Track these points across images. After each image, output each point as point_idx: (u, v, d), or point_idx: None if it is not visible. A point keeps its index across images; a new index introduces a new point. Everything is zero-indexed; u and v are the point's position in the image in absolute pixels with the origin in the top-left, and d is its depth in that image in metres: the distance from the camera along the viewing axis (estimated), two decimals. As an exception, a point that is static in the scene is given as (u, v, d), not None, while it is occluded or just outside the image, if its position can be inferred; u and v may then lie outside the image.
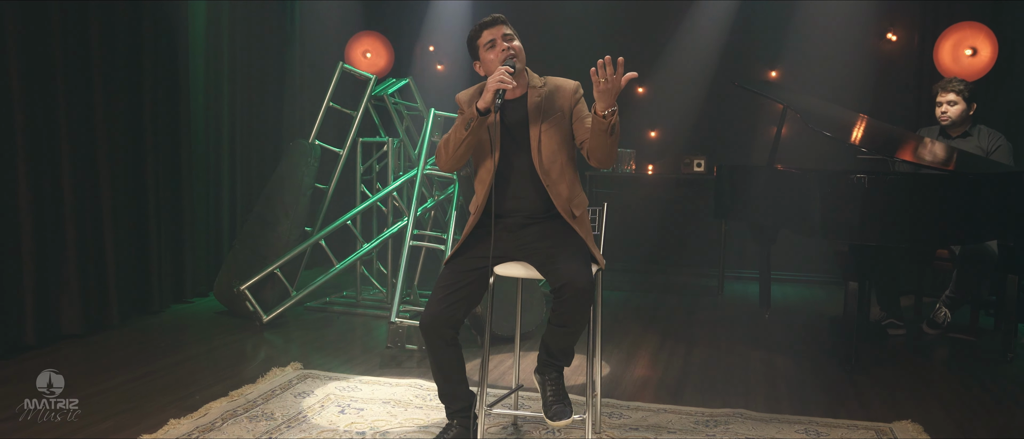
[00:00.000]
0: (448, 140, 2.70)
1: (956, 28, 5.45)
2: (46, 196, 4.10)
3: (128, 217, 4.70)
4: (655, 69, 6.55)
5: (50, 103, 4.09)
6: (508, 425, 3.08)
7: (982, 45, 5.33)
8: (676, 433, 3.03)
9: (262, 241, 4.93)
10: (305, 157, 5.11)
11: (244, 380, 3.56)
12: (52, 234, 4.15)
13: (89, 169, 4.36)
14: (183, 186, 5.16)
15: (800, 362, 4.07)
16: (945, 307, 4.63)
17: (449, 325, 2.65)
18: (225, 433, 2.92)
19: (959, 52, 5.41)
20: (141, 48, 4.72)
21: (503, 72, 2.57)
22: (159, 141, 4.91)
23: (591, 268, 2.65)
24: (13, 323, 3.93)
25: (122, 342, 4.25)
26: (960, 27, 5.43)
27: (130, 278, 4.73)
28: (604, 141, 2.61)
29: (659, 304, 5.47)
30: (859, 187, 3.63)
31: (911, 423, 3.13)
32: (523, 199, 2.76)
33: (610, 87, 2.48)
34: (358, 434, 2.95)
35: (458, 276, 2.69)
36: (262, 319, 4.60)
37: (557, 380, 2.72)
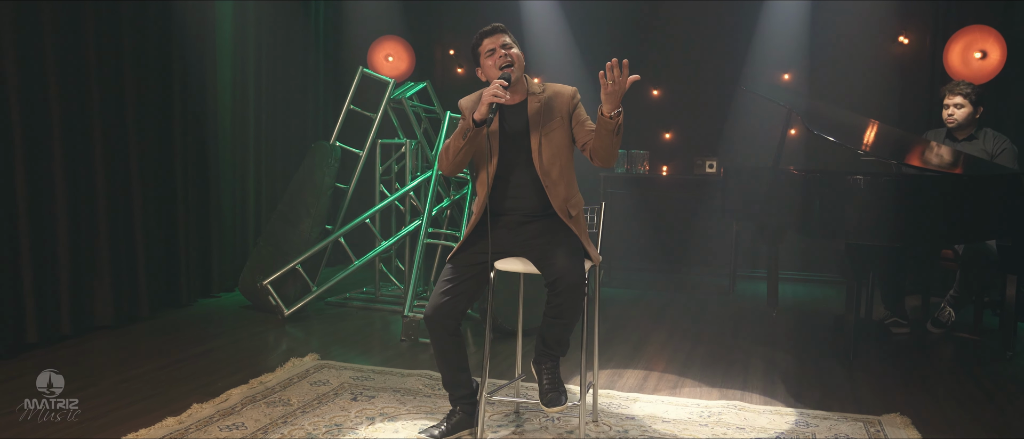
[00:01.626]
0: (448, 147, 2.87)
1: (966, 31, 5.51)
2: (81, 193, 4.34)
3: (158, 214, 4.93)
4: (669, 72, 6.67)
5: (84, 102, 4.33)
6: (510, 412, 3.24)
7: (991, 48, 5.39)
8: (671, 422, 3.17)
9: (284, 239, 5.14)
10: (326, 158, 5.32)
11: (264, 369, 3.76)
12: (86, 230, 4.38)
13: (121, 168, 4.59)
14: (210, 185, 5.39)
15: (801, 358, 4.18)
16: (949, 307, 4.72)
17: (451, 317, 2.82)
18: (244, 417, 3.12)
19: (969, 55, 5.47)
20: (170, 49, 4.95)
21: (497, 86, 2.72)
22: (188, 142, 5.15)
23: (584, 264, 2.81)
24: (50, 314, 4.17)
25: (151, 333, 4.48)
26: (970, 30, 5.49)
27: (159, 273, 4.97)
28: (609, 141, 2.76)
29: (669, 302, 5.60)
30: (854, 188, 3.74)
31: (899, 416, 3.24)
32: (523, 199, 2.92)
33: (617, 88, 2.64)
34: (367, 419, 3.13)
35: (460, 271, 2.86)
36: (284, 313, 4.80)
37: (553, 369, 2.87)
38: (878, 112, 6.04)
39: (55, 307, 4.20)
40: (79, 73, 4.29)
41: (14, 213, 3.95)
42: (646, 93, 6.71)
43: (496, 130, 2.90)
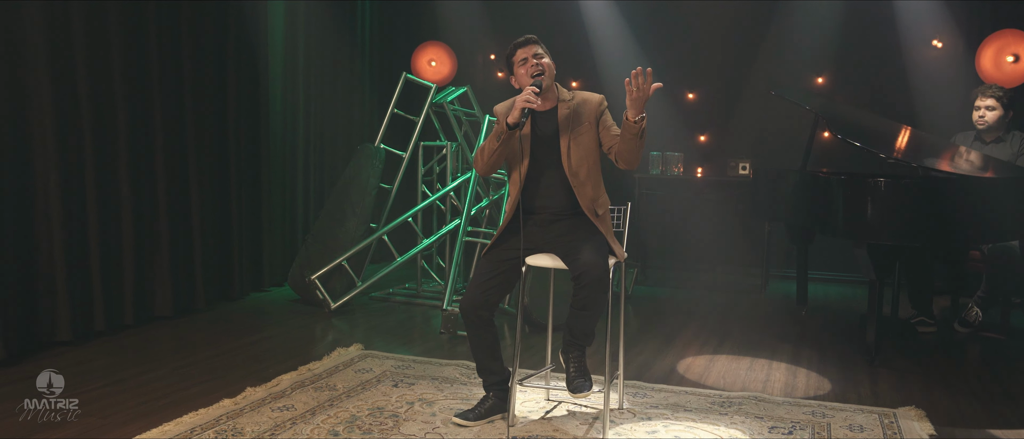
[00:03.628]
0: (483, 148, 3.09)
1: (998, 35, 5.57)
2: (144, 194, 4.66)
3: (214, 214, 5.24)
4: (705, 75, 6.81)
5: (146, 106, 4.65)
6: (541, 400, 3.45)
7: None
8: (692, 411, 3.34)
9: (331, 236, 5.41)
10: (371, 160, 5.58)
11: (312, 358, 4.02)
12: (148, 228, 4.70)
13: (180, 171, 4.91)
14: (262, 186, 5.69)
15: (824, 354, 4.31)
16: (977, 306, 4.80)
17: (485, 308, 3.05)
18: (293, 399, 3.37)
19: (1001, 58, 5.53)
20: (226, 57, 5.26)
21: (530, 92, 2.94)
22: (242, 147, 5.46)
23: (608, 260, 3.00)
24: (115, 305, 4.49)
25: (207, 323, 4.78)
26: (1002, 34, 5.55)
27: (215, 268, 5.28)
28: (633, 144, 2.96)
29: (702, 300, 5.75)
30: (875, 190, 3.87)
31: (914, 409, 3.36)
32: (553, 198, 3.13)
33: (641, 95, 2.84)
34: (407, 404, 3.36)
35: (493, 265, 3.08)
36: (330, 306, 5.07)
37: (579, 358, 3.07)
38: (910, 115, 6.12)
39: (120, 299, 4.52)
40: (143, 78, 4.61)
41: (84, 213, 4.27)
42: (682, 96, 6.86)
43: (528, 133, 3.11)
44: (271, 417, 3.16)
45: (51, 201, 4.08)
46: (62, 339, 4.13)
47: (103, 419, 3.12)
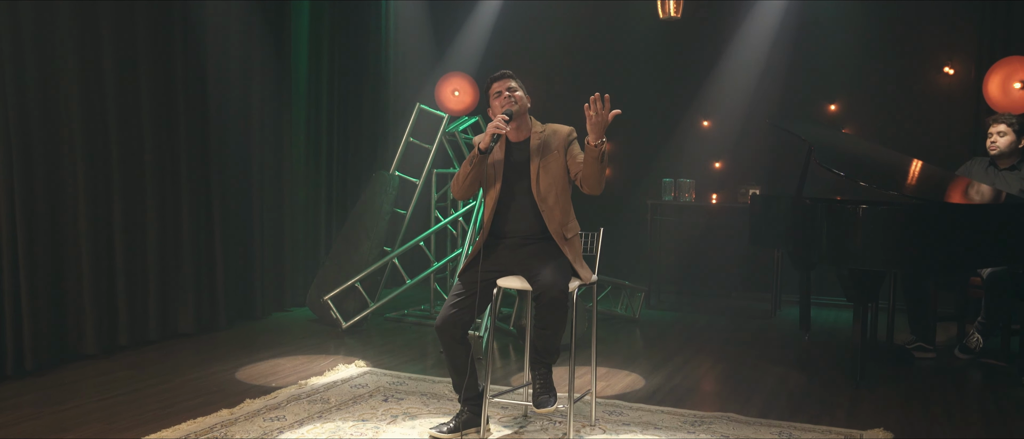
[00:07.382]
0: (458, 173, 3.30)
1: (1006, 62, 5.57)
2: (168, 214, 4.98)
3: (236, 235, 5.56)
4: (718, 103, 6.92)
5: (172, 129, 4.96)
6: (518, 415, 3.62)
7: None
8: (662, 430, 3.47)
9: (346, 259, 5.68)
10: (385, 186, 5.85)
11: (316, 374, 4.25)
12: (172, 248, 5.02)
13: (203, 193, 5.22)
14: (285, 210, 5.99)
15: (812, 378, 4.38)
16: (978, 333, 4.81)
17: (458, 327, 3.24)
18: (286, 411, 3.61)
19: (1008, 85, 5.53)
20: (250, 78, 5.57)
21: (499, 120, 3.16)
22: (265, 176, 5.77)
23: (569, 282, 3.18)
24: (139, 322, 4.81)
25: (227, 341, 5.07)
26: (1009, 61, 5.56)
27: (237, 288, 5.58)
28: (596, 168, 3.14)
29: (708, 325, 5.84)
30: (854, 216, 3.96)
31: (882, 431, 3.44)
32: (523, 222, 3.33)
33: (599, 120, 3.03)
34: (391, 417, 3.56)
35: (467, 287, 3.27)
36: (342, 325, 5.32)
37: (545, 375, 3.24)
38: (922, 142, 6.15)
39: (144, 315, 4.84)
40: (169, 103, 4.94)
41: (110, 232, 4.61)
42: (697, 124, 6.98)
43: (502, 159, 3.32)
44: (262, 426, 3.40)
45: (80, 220, 4.42)
46: (88, 352, 4.45)
47: (109, 425, 3.40)
